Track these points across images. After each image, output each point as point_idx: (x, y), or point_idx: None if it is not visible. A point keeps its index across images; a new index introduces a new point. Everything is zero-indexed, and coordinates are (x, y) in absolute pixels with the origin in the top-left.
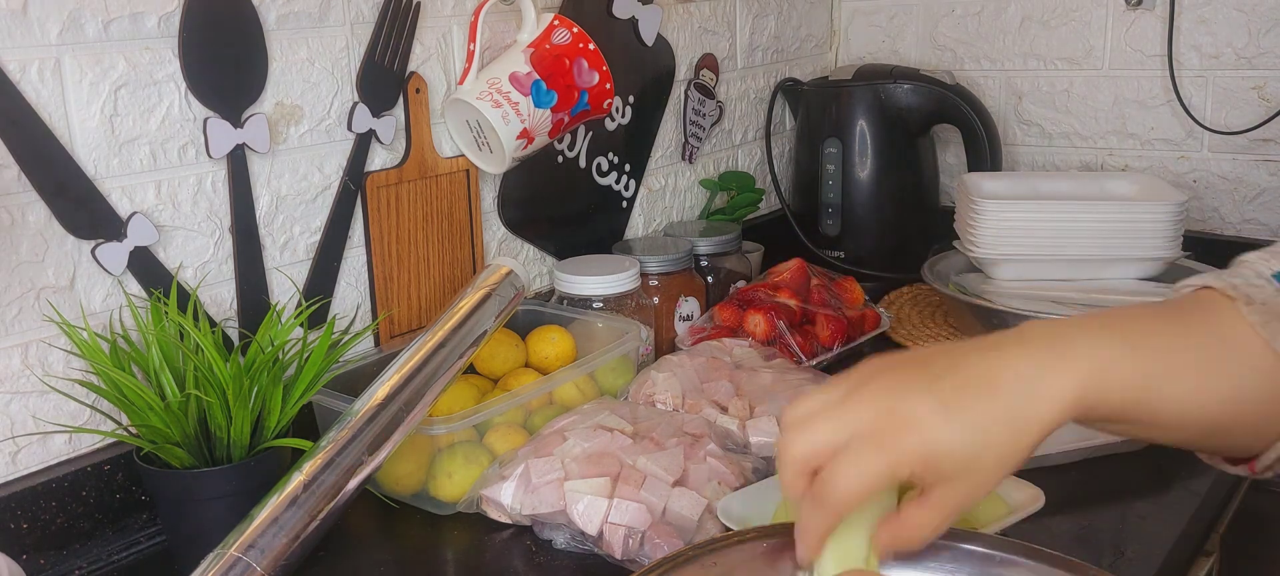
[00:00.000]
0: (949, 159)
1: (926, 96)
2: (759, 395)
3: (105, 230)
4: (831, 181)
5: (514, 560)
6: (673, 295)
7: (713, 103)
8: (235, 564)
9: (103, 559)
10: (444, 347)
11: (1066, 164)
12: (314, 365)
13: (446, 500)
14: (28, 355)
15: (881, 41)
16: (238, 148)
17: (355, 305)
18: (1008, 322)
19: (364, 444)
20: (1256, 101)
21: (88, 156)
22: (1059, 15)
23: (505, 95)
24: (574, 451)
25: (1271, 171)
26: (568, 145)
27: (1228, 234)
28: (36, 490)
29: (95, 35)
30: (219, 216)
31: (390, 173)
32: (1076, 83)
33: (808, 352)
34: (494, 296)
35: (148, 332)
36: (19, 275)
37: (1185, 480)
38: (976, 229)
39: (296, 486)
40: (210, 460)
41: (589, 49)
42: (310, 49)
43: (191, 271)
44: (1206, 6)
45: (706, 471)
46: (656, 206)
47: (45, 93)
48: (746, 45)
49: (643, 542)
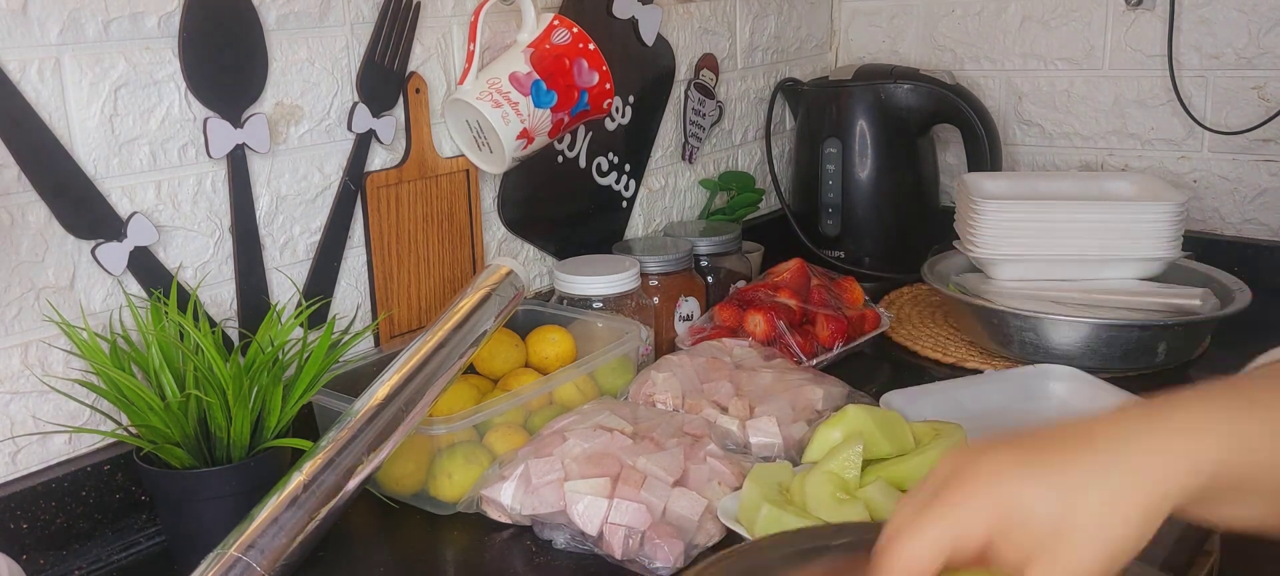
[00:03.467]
0: (949, 159)
1: (926, 96)
2: (759, 395)
3: (105, 230)
4: (831, 181)
5: (514, 560)
6: (673, 295)
7: (713, 103)
8: (235, 564)
9: (102, 559)
10: (444, 347)
11: (1066, 164)
12: (314, 365)
13: (446, 500)
14: (28, 355)
15: (881, 41)
16: (238, 148)
17: (355, 305)
18: (1008, 322)
19: (364, 444)
20: (1256, 101)
21: (88, 156)
22: (1059, 15)
23: (505, 95)
24: (574, 451)
25: (1271, 171)
26: (568, 145)
27: (1228, 234)
28: (36, 490)
29: (95, 35)
30: (219, 216)
31: (390, 173)
32: (1076, 83)
33: (808, 352)
34: (494, 296)
35: (148, 333)
36: (19, 275)
37: None
38: (976, 229)
39: (296, 486)
40: (210, 460)
41: (589, 49)
42: (310, 49)
43: (191, 271)
44: (1206, 6)
45: (707, 471)
46: (656, 206)
47: (45, 93)
48: (746, 45)
49: (643, 542)
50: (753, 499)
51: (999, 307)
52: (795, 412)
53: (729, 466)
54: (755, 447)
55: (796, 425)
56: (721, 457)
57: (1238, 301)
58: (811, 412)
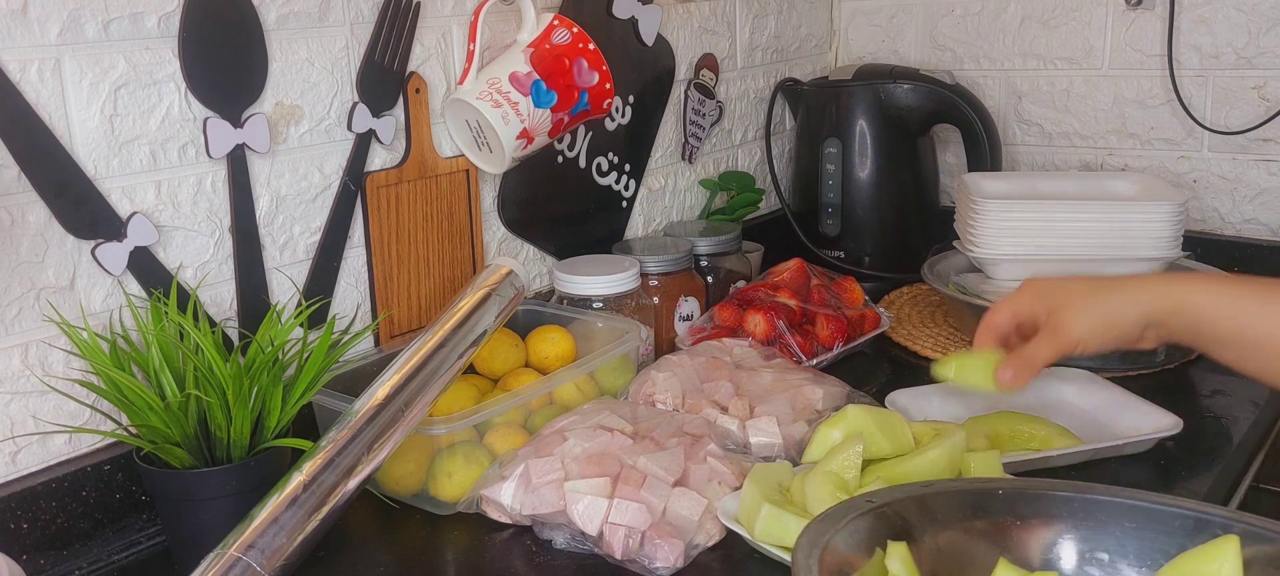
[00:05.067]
0: (949, 159)
1: (926, 96)
2: (759, 395)
3: (105, 230)
4: (831, 181)
5: (514, 560)
6: (673, 295)
7: (713, 103)
8: (235, 564)
9: (103, 559)
10: (444, 347)
11: (1066, 164)
12: (314, 365)
13: (446, 500)
14: (28, 355)
15: (881, 41)
16: (238, 148)
17: (355, 305)
18: None
19: (364, 444)
20: (1256, 101)
21: (88, 156)
22: (1059, 15)
23: (505, 95)
24: (574, 451)
25: (1271, 171)
26: (568, 145)
27: (1228, 234)
28: (36, 490)
29: (95, 35)
30: (219, 216)
31: (390, 173)
32: (1076, 82)
33: (808, 353)
34: (494, 296)
35: (148, 332)
36: (19, 275)
37: (1185, 480)
38: (976, 229)
39: (296, 486)
40: (210, 460)
41: (589, 49)
42: (310, 49)
43: (191, 271)
44: (1206, 6)
45: (707, 471)
46: (656, 206)
47: (45, 93)
48: (746, 45)
49: (643, 542)
50: (753, 499)
51: None
52: (795, 412)
53: (729, 466)
54: (755, 447)
55: (796, 425)
56: (721, 457)
57: None
58: (811, 412)
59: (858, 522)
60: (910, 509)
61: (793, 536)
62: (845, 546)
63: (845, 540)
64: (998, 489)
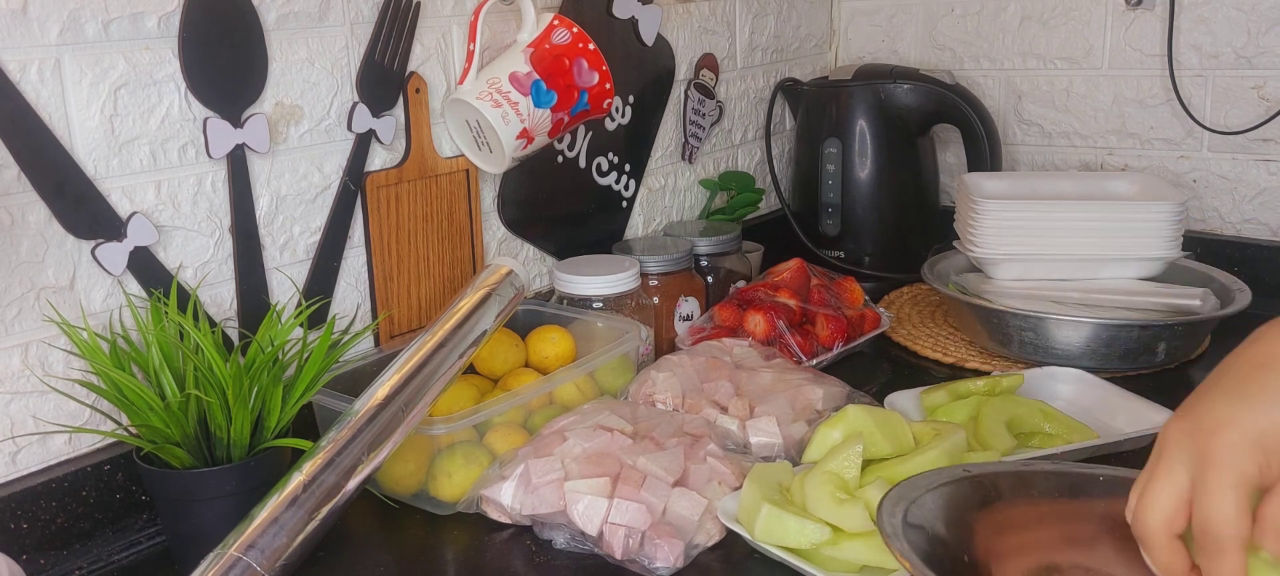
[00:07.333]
0: (949, 159)
1: (926, 96)
2: (759, 395)
3: (105, 230)
4: (831, 181)
5: (514, 560)
6: (673, 295)
7: (713, 102)
8: (235, 564)
9: (103, 559)
10: (444, 347)
11: (1066, 164)
12: (314, 365)
13: (446, 500)
14: (28, 355)
15: (881, 41)
16: (238, 148)
17: (355, 305)
18: (1008, 322)
19: (364, 444)
20: (1256, 101)
21: (88, 156)
22: (1058, 15)
23: (505, 95)
24: (574, 451)
25: (1271, 171)
26: (568, 145)
27: (1228, 233)
28: (36, 490)
29: (95, 35)
30: (219, 216)
31: (390, 173)
32: (1076, 82)
33: (808, 353)
34: (494, 296)
35: (148, 332)
36: (19, 275)
37: None
38: (976, 229)
39: (296, 486)
40: (210, 460)
41: (589, 49)
42: (310, 49)
43: (191, 271)
44: (1206, 6)
45: (707, 471)
46: (656, 206)
47: (45, 93)
48: (746, 45)
49: (643, 542)
50: (753, 499)
51: (999, 307)
52: (795, 412)
53: (729, 466)
54: (755, 447)
55: (796, 425)
56: (721, 457)
57: (1238, 301)
58: (811, 412)
59: (945, 490)
60: (1007, 480)
61: (793, 536)
62: (930, 510)
63: (933, 501)
64: (1098, 476)
